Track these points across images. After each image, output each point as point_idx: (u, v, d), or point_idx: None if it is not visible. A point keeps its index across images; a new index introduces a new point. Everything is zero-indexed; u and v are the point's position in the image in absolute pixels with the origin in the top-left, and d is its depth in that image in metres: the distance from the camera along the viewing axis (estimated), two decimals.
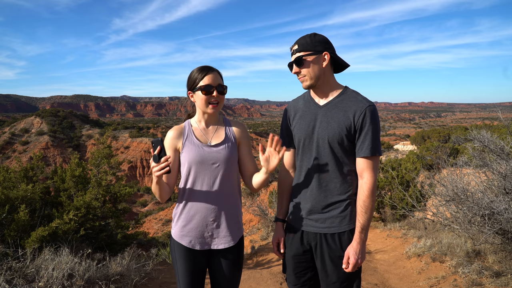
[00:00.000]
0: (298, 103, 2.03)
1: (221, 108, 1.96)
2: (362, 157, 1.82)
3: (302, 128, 1.93)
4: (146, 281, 3.80)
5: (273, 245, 2.09)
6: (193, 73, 1.91)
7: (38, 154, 5.03)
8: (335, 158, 1.86)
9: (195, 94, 1.91)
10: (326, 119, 1.87)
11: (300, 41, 1.87)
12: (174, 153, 1.94)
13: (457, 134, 17.20)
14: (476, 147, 4.45)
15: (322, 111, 1.90)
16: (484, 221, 3.60)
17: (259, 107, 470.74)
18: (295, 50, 1.87)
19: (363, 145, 1.81)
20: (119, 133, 70.02)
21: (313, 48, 1.84)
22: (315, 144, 1.89)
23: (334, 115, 1.85)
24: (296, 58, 1.86)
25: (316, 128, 1.89)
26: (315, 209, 1.91)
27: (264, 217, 8.28)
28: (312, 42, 1.85)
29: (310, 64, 1.85)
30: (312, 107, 1.94)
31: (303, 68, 1.86)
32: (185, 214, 1.93)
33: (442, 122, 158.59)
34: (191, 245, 1.93)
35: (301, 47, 1.85)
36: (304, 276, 1.99)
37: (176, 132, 1.96)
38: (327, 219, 1.88)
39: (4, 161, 48.84)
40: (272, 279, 4.08)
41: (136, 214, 30.59)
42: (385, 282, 4.13)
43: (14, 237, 3.66)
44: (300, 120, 1.96)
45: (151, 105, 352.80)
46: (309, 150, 1.92)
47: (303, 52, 1.85)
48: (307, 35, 1.89)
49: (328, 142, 1.85)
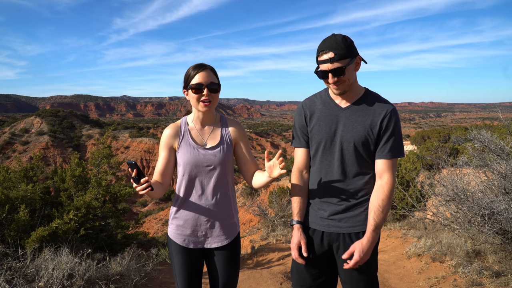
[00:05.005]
0: (315, 103, 1.96)
1: (214, 106, 1.95)
2: (383, 159, 1.82)
3: (322, 130, 1.89)
4: (146, 281, 3.80)
5: (292, 250, 1.92)
6: (188, 71, 1.91)
7: (38, 154, 5.03)
8: (359, 159, 1.86)
9: (188, 92, 1.91)
10: (350, 122, 1.85)
11: (336, 48, 1.74)
12: (170, 151, 1.95)
13: (457, 134, 17.20)
14: (476, 147, 4.45)
15: (345, 113, 1.87)
16: (484, 221, 3.60)
17: (259, 107, 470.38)
18: (332, 59, 1.73)
19: (385, 147, 1.81)
20: (119, 133, 70.04)
21: (349, 54, 1.75)
22: (338, 146, 1.86)
23: (359, 118, 1.84)
24: (337, 68, 1.74)
25: (339, 131, 1.86)
26: (338, 209, 1.89)
27: (264, 217, 8.28)
28: (347, 47, 1.75)
29: (349, 72, 1.78)
30: (333, 108, 1.90)
31: (343, 77, 1.77)
32: (180, 213, 1.96)
33: (442, 122, 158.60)
34: (185, 243, 1.96)
35: (338, 55, 1.73)
36: (320, 278, 1.96)
37: (172, 130, 1.96)
38: (350, 218, 1.88)
39: (4, 161, 48.86)
40: (272, 279, 4.08)
41: (136, 214, 30.60)
42: (385, 282, 4.13)
43: (14, 237, 3.66)
44: (319, 121, 1.91)
45: (151, 105, 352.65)
46: (330, 153, 1.89)
47: (342, 60, 1.74)
48: (337, 39, 1.76)
49: (353, 145, 1.83)
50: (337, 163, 1.87)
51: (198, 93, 1.86)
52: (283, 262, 4.78)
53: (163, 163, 1.95)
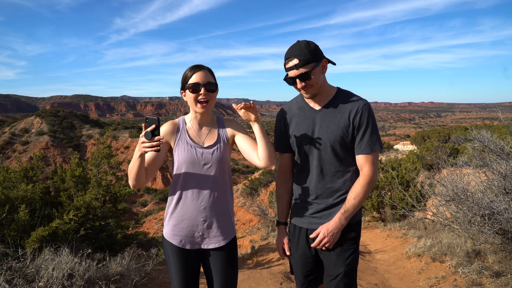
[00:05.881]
0: (292, 109, 2.05)
1: (211, 107, 1.96)
2: (361, 154, 1.88)
3: (301, 133, 1.97)
4: (146, 281, 3.80)
5: (278, 249, 2.12)
6: (185, 72, 1.91)
7: (38, 154, 5.03)
8: (337, 158, 1.91)
9: (185, 92, 1.91)
10: (325, 123, 1.91)
11: (299, 54, 1.79)
12: (164, 146, 1.92)
13: (457, 134, 17.19)
14: (476, 147, 4.45)
15: (320, 115, 1.93)
16: (484, 221, 3.60)
17: (259, 107, 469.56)
18: (297, 65, 1.79)
19: (361, 142, 1.87)
20: (119, 133, 69.99)
21: (313, 59, 1.80)
22: (316, 147, 1.93)
23: (332, 118, 1.90)
24: (303, 73, 1.80)
25: (316, 132, 1.92)
26: (319, 208, 1.95)
27: (264, 217, 8.28)
28: (310, 52, 1.80)
29: (316, 75, 1.83)
30: (308, 112, 1.97)
31: (310, 82, 1.83)
32: (176, 213, 1.93)
33: (442, 122, 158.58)
34: (181, 244, 1.93)
35: (303, 61, 1.78)
36: (311, 275, 2.04)
37: (170, 127, 1.95)
38: (330, 215, 1.92)
39: (4, 161, 48.83)
40: (272, 279, 4.08)
41: (136, 214, 30.58)
42: (385, 282, 4.13)
43: (14, 237, 3.66)
44: (298, 125, 1.98)
45: (151, 105, 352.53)
46: (311, 154, 1.96)
47: (307, 65, 1.79)
48: (301, 45, 1.82)
49: (331, 145, 1.89)
50: (315, 163, 1.94)
51: (195, 92, 1.86)
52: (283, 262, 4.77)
53: (153, 156, 1.88)
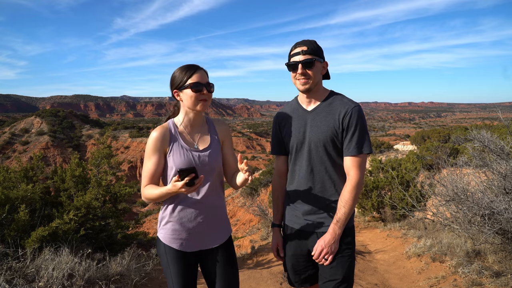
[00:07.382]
0: (285, 111, 2.09)
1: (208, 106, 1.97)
2: (349, 156, 1.88)
3: (293, 134, 1.99)
4: (146, 281, 3.80)
5: (272, 250, 2.18)
6: (178, 71, 1.88)
7: (38, 154, 5.02)
8: (329, 159, 1.93)
9: (182, 92, 1.88)
10: (315, 123, 1.93)
11: (308, 44, 1.88)
12: (161, 155, 1.89)
13: (457, 134, 17.20)
14: (476, 147, 4.45)
15: (311, 116, 1.96)
16: (484, 221, 3.60)
17: (259, 107, 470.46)
18: (305, 51, 1.86)
19: (350, 144, 1.87)
20: (119, 133, 69.99)
21: (320, 55, 1.90)
22: (307, 148, 1.95)
23: (322, 118, 1.92)
24: (308, 59, 1.86)
25: (307, 133, 1.95)
26: (312, 210, 1.97)
27: (264, 217, 8.28)
28: (318, 48, 1.90)
29: (316, 69, 1.90)
30: (301, 113, 2.00)
31: (310, 71, 1.88)
32: (174, 217, 1.91)
33: (442, 122, 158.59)
34: (182, 247, 1.92)
35: (310, 50, 1.87)
36: (304, 273, 2.07)
37: (161, 133, 1.89)
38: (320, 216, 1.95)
39: (4, 161, 48.81)
40: (272, 279, 4.08)
41: (136, 214, 30.56)
42: (385, 282, 4.13)
43: (14, 237, 3.66)
44: (290, 127, 2.01)
45: (151, 105, 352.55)
46: (301, 154, 1.98)
47: (313, 55, 1.87)
48: (310, 41, 1.91)
49: (320, 146, 1.91)
50: (306, 164, 1.96)
51: (198, 92, 1.85)
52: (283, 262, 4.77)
53: (156, 168, 1.87)
